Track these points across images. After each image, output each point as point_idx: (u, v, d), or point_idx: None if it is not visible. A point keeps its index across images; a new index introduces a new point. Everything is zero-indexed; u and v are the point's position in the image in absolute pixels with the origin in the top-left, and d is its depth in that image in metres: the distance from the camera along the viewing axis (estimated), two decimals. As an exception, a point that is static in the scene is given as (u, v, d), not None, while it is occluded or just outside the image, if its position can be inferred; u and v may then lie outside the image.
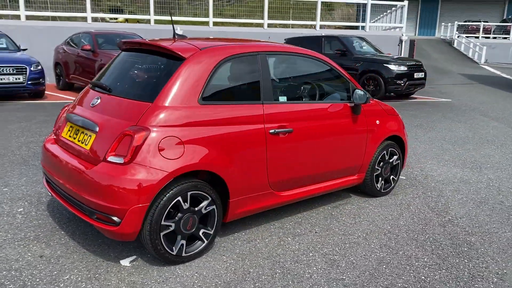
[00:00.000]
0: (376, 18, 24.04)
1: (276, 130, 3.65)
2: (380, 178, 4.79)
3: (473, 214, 4.43)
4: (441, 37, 31.47)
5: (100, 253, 3.41)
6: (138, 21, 21.36)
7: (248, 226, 3.98)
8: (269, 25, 17.31)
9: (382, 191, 4.83)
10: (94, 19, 17.42)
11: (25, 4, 14.75)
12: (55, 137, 3.80)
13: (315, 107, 4.03)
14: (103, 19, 19.82)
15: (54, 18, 16.93)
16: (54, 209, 4.19)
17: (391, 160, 4.84)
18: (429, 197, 4.90)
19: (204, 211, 3.32)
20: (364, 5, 19.56)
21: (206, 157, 3.22)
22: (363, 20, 19.91)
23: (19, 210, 4.15)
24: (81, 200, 3.15)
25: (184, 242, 3.25)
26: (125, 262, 3.27)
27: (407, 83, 12.37)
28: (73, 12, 16.18)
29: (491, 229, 4.10)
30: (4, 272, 3.07)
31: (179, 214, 3.19)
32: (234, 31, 16.35)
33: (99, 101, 3.50)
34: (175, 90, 3.22)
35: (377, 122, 4.57)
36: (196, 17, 20.04)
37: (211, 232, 3.40)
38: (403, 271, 3.29)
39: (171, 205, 3.11)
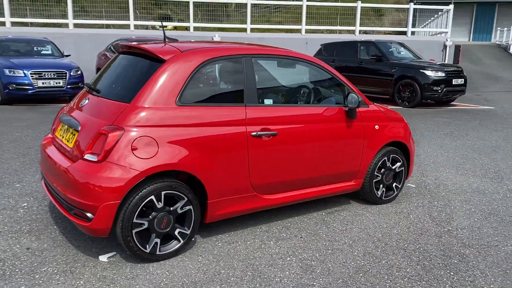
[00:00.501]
0: (424, 23, 23.33)
1: (259, 133, 3.65)
2: (381, 185, 4.64)
3: (477, 226, 4.20)
4: (497, 42, 29.99)
5: (83, 248, 3.54)
6: (186, 28, 22.00)
7: (234, 228, 3.99)
8: (307, 31, 17.24)
9: (383, 198, 4.68)
10: (145, 27, 18.12)
11: (73, 12, 15.57)
12: (51, 136, 4.00)
13: (304, 110, 3.98)
14: (153, 27, 20.47)
15: (106, 26, 17.75)
16: (54, 206, 4.39)
17: (393, 167, 4.69)
18: (434, 206, 4.69)
19: (180, 211, 3.37)
20: (415, 10, 19.04)
21: (181, 158, 3.27)
22: (413, 26, 19.38)
23: (23, 205, 4.39)
24: (62, 196, 3.29)
25: (158, 240, 3.31)
26: (103, 258, 3.38)
27: (444, 89, 11.89)
28: (118, 20, 16.89)
29: (492, 242, 3.87)
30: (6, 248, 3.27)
31: (153, 213, 3.26)
32: (271, 37, 16.44)
33: (87, 101, 3.65)
34: (152, 91, 3.30)
35: (376, 127, 4.45)
36: (242, 24, 20.32)
37: (188, 232, 3.44)
38: (379, 281, 3.18)
39: (143, 203, 3.18)
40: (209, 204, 3.52)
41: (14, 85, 10.39)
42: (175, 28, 24.09)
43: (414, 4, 19.39)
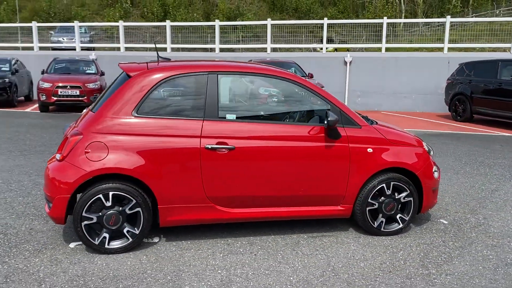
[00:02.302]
0: None
1: (213, 146, 3.78)
2: (380, 215, 4.22)
3: (476, 275, 3.53)
4: None
5: (68, 235, 4.15)
6: (348, 49, 22.32)
7: (201, 237, 4.14)
8: (450, 49, 15.79)
9: (383, 230, 4.24)
10: (273, 49, 19.05)
11: (220, 38, 17.29)
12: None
13: (271, 127, 3.94)
14: (314, 49, 21.24)
15: (247, 50, 19.23)
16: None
17: (397, 197, 4.22)
18: (440, 245, 4.06)
19: (129, 212, 3.72)
20: None
21: (128, 163, 3.64)
22: None
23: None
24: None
25: (107, 235, 3.72)
26: (72, 245, 3.93)
27: None
28: (255, 43, 18.09)
29: (469, 294, 3.23)
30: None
31: (103, 210, 3.69)
32: (407, 56, 15.57)
33: (83, 116, 4.30)
34: (113, 103, 3.76)
35: (369, 150, 4.09)
36: (411, 43, 19.72)
37: (136, 232, 3.77)
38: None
39: (91, 200, 3.64)
40: (159, 209, 3.79)
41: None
42: (336, 50, 24.48)
43: None
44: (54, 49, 19.92)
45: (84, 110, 4.41)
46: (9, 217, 4.56)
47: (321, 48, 23.66)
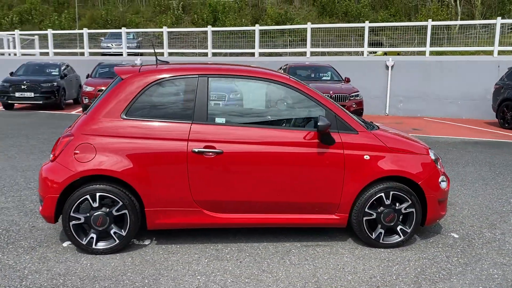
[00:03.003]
0: None
1: (200, 150, 3.73)
2: (378, 226, 4.00)
3: (467, 295, 3.25)
4: None
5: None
6: (398, 53, 21.74)
7: (191, 241, 4.10)
8: (500, 52, 14.87)
9: (382, 241, 4.01)
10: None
11: (259, 43, 17.30)
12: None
13: (261, 132, 3.84)
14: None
15: (288, 54, 19.12)
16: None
17: (397, 207, 3.98)
18: (442, 261, 3.77)
19: (116, 213, 3.75)
20: None
21: (114, 165, 3.67)
22: None
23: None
24: None
25: (94, 236, 3.77)
26: (65, 244, 4.01)
27: None
28: (295, 48, 17.92)
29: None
30: (6, 225, 4.30)
31: (91, 211, 3.74)
32: (453, 60, 14.83)
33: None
34: (103, 105, 3.81)
35: (366, 157, 3.89)
36: (467, 46, 18.93)
37: (123, 234, 3.79)
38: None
39: (79, 200, 3.70)
40: (146, 211, 3.79)
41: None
42: (385, 53, 23.91)
43: None
44: (103, 54, 20.79)
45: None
46: (17, 214, 4.74)
47: (371, 52, 23.19)
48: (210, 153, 3.75)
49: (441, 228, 4.58)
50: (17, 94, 14.29)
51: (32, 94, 14.31)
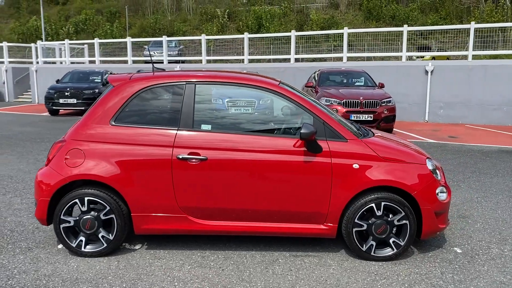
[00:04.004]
0: None
1: (185, 156, 3.75)
2: (370, 237, 3.85)
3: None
4: None
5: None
6: (448, 58, 21.01)
7: (180, 247, 4.12)
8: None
9: (373, 254, 3.85)
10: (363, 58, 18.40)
11: (295, 49, 17.20)
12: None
13: (245, 139, 3.80)
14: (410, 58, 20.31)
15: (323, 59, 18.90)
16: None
17: (389, 219, 3.81)
18: (434, 277, 3.56)
19: (103, 218, 3.84)
20: None
21: (101, 170, 3.76)
22: None
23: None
24: None
25: (83, 238, 3.87)
26: (60, 246, 4.15)
27: None
28: (329, 53, 17.68)
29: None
30: (7, 225, 4.50)
31: (80, 214, 3.85)
32: (498, 64, 14.06)
33: None
34: (93, 112, 3.92)
35: (355, 166, 3.75)
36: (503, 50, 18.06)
37: (111, 238, 3.86)
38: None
39: (68, 204, 3.82)
40: (133, 216, 3.85)
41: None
42: (433, 58, 23.17)
43: None
44: (146, 62, 21.45)
45: None
46: (26, 216, 4.96)
47: (419, 57, 22.45)
48: (194, 160, 3.76)
49: (445, 241, 4.33)
50: (61, 101, 15.03)
51: (75, 101, 14.99)
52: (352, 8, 42.12)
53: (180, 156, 3.75)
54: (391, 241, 3.85)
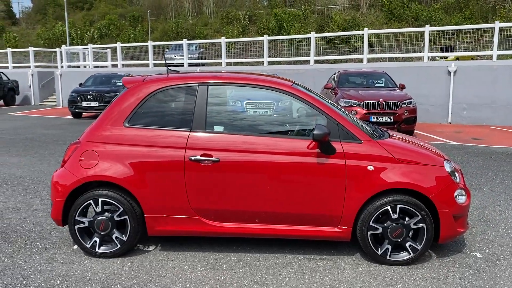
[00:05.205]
0: None
1: (198, 158, 3.74)
2: (386, 241, 3.76)
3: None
4: None
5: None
6: (472, 58, 20.61)
7: (193, 249, 4.11)
8: None
9: (389, 258, 3.76)
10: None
11: (314, 51, 17.10)
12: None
13: (259, 140, 3.76)
14: (433, 58, 20.03)
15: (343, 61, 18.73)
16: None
17: (406, 222, 3.72)
18: (453, 283, 3.45)
19: (117, 219, 3.86)
20: None
21: (115, 172, 3.78)
22: None
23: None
24: None
25: (98, 240, 3.90)
26: (76, 246, 4.19)
27: None
28: (347, 55, 17.48)
29: None
30: (25, 225, 4.58)
31: (95, 215, 3.88)
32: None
33: None
34: (108, 113, 3.95)
35: (370, 168, 3.68)
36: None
37: (124, 239, 3.88)
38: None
39: (83, 205, 3.85)
40: (146, 218, 3.86)
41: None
42: (457, 58, 22.76)
43: None
44: (167, 65, 21.67)
45: None
46: (44, 216, 5.04)
47: (443, 57, 22.01)
48: (207, 161, 3.75)
49: (465, 246, 4.20)
50: (83, 104, 15.28)
51: (97, 104, 15.22)
52: (374, 9, 41.72)
53: (193, 158, 3.75)
54: (407, 245, 3.75)
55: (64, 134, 11.73)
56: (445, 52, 24.91)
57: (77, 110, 15.49)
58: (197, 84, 3.92)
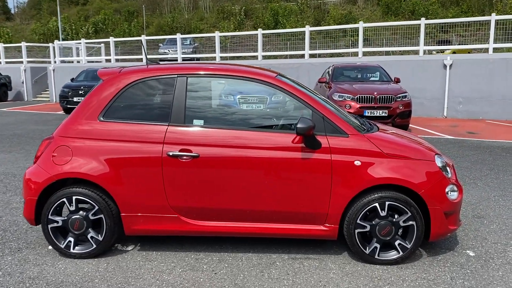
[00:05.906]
0: None
1: (176, 153, 3.55)
2: (374, 239, 3.59)
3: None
4: None
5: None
6: (469, 51, 20.42)
7: (173, 249, 3.93)
8: None
9: (377, 257, 3.59)
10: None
11: (309, 45, 16.87)
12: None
13: (240, 134, 3.58)
14: (430, 52, 19.78)
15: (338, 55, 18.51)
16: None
17: (395, 220, 3.55)
18: (443, 283, 3.28)
19: (92, 217, 3.67)
20: None
21: (89, 168, 3.59)
22: None
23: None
24: None
25: (72, 239, 3.71)
26: (50, 247, 4.00)
27: None
28: (343, 48, 17.30)
29: None
30: (1, 224, 4.41)
31: (69, 214, 3.69)
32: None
33: None
34: (82, 107, 3.76)
35: (357, 163, 3.50)
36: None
37: (100, 239, 3.69)
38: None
39: (56, 203, 3.66)
40: (122, 217, 3.67)
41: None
42: (454, 52, 22.56)
43: None
44: (161, 60, 21.40)
45: None
46: (22, 215, 4.84)
47: (439, 51, 21.80)
48: (186, 157, 3.56)
49: (457, 244, 4.03)
50: (75, 99, 15.05)
51: (88, 99, 14.96)
52: (370, 3, 41.47)
53: (171, 153, 3.56)
54: (396, 243, 3.58)
55: (54, 130, 11.50)
56: (442, 45, 24.70)
57: (68, 106, 15.26)
58: (176, 76, 3.72)
